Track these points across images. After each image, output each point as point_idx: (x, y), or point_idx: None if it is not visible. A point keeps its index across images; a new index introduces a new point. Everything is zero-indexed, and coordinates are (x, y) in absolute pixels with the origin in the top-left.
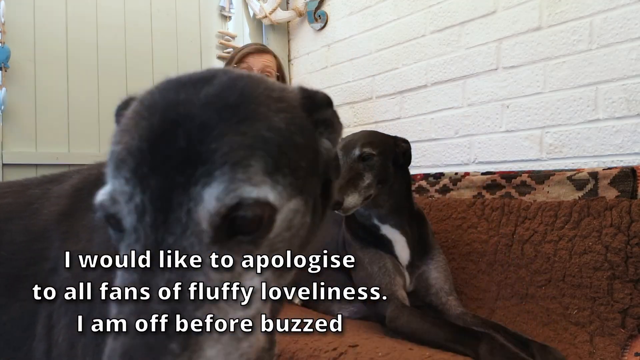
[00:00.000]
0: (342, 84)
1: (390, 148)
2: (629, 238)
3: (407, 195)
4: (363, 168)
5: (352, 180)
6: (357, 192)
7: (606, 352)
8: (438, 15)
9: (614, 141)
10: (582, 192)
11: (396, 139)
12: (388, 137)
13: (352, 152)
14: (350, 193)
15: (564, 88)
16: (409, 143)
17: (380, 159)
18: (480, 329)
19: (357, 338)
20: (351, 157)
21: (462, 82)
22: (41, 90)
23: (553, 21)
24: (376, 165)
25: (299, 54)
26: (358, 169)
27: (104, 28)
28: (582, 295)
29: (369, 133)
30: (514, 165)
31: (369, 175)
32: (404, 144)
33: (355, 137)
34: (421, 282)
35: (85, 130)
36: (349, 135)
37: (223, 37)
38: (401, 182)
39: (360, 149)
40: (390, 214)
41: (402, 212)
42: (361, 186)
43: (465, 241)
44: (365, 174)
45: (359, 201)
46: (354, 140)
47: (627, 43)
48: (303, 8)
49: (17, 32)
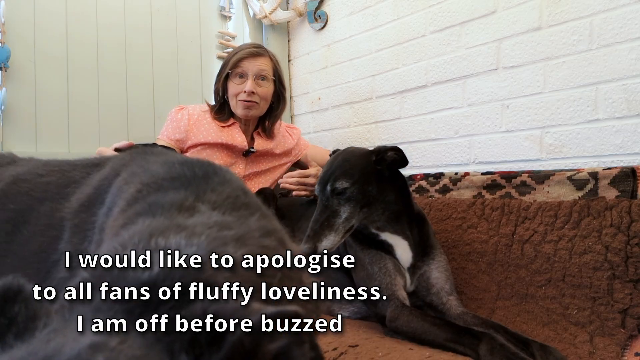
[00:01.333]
0: (342, 84)
1: (369, 168)
2: (629, 238)
3: (404, 201)
4: (338, 203)
5: (326, 221)
6: (333, 232)
7: (606, 352)
8: (438, 15)
9: (614, 141)
10: (582, 192)
11: (379, 151)
12: (367, 155)
13: (325, 189)
14: (325, 237)
15: (564, 88)
16: (399, 150)
17: (357, 187)
18: (480, 329)
19: (357, 338)
20: (325, 195)
21: (462, 82)
22: (41, 90)
23: (553, 21)
24: (354, 195)
25: (298, 54)
26: (332, 205)
27: (104, 28)
28: (582, 295)
29: (343, 160)
30: (514, 165)
31: (346, 208)
32: (391, 154)
33: (329, 169)
34: (422, 282)
35: (85, 130)
36: (325, 165)
37: (223, 37)
38: (395, 191)
39: (332, 184)
40: (388, 223)
41: (400, 219)
42: (338, 223)
43: (465, 241)
44: (341, 208)
45: (337, 239)
46: (327, 174)
47: (627, 43)
48: (303, 8)
49: (17, 32)
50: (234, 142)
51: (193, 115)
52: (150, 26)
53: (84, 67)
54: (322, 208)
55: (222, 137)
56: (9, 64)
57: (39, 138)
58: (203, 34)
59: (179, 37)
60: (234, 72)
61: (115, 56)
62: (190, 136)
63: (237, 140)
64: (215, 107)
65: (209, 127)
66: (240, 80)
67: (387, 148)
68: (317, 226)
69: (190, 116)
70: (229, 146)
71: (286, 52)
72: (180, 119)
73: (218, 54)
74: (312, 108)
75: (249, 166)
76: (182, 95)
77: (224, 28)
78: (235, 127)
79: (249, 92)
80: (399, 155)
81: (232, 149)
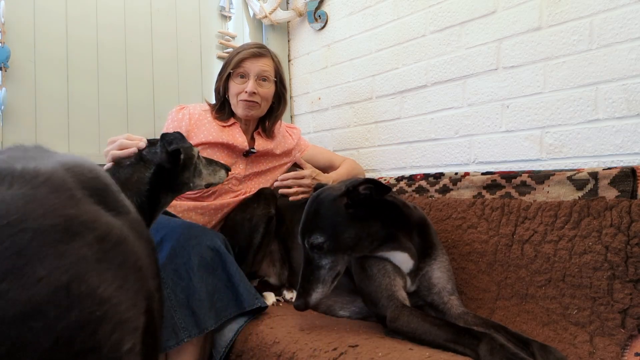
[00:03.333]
0: (342, 84)
1: (340, 216)
2: (629, 238)
3: (395, 222)
4: (319, 257)
5: (311, 275)
6: (320, 284)
7: (606, 352)
8: (438, 15)
9: (614, 141)
10: (582, 192)
11: (350, 191)
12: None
13: (304, 243)
14: (314, 291)
15: (564, 88)
16: (371, 182)
17: (332, 240)
18: (480, 329)
19: (357, 338)
20: (306, 248)
21: (462, 82)
22: (41, 90)
23: (553, 21)
24: (331, 247)
25: (298, 54)
26: (314, 259)
27: (104, 28)
28: (582, 295)
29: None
30: (514, 165)
31: (328, 260)
32: (362, 190)
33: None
34: (424, 282)
35: (85, 130)
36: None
37: (223, 37)
38: (380, 220)
39: (307, 239)
40: (382, 245)
41: (396, 236)
42: (323, 275)
43: (465, 241)
44: (322, 261)
45: (326, 290)
46: (304, 226)
47: (627, 43)
48: (303, 8)
49: (17, 32)
50: (235, 142)
51: (194, 115)
52: (150, 26)
53: (83, 67)
54: (305, 261)
55: (222, 137)
56: (9, 64)
57: (39, 138)
58: (203, 34)
59: (179, 37)
60: (235, 72)
61: (115, 56)
62: (191, 136)
63: (237, 140)
64: (215, 106)
65: (209, 126)
66: (241, 81)
67: (357, 183)
68: (304, 282)
69: (191, 116)
70: (229, 146)
71: (286, 52)
72: (181, 118)
73: (218, 54)
74: (312, 108)
75: (249, 166)
76: (182, 95)
77: (224, 28)
78: (235, 127)
79: (250, 92)
80: (372, 188)
81: (233, 149)
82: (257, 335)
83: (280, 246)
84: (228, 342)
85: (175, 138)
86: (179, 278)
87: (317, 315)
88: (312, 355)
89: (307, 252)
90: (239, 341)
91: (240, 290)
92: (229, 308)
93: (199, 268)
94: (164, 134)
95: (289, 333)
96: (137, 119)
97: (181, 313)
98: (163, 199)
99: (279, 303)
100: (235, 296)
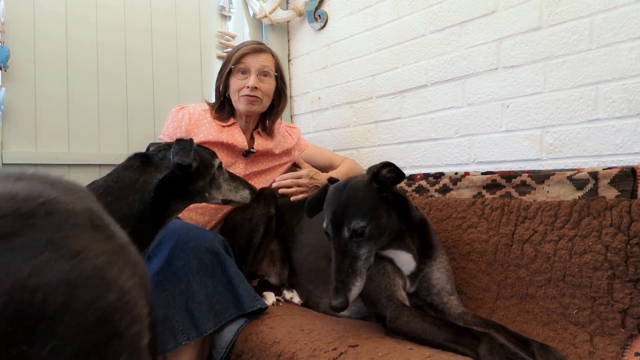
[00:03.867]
0: (342, 83)
1: (376, 198)
2: (629, 238)
3: (405, 217)
4: (357, 246)
5: (349, 267)
6: (358, 277)
7: (606, 352)
8: (438, 15)
9: (614, 141)
10: (582, 191)
11: (376, 174)
12: (368, 185)
13: (341, 233)
14: (353, 285)
15: (564, 88)
16: (391, 166)
17: (373, 224)
18: (480, 328)
19: (357, 338)
20: (342, 239)
21: (462, 82)
22: (41, 90)
23: (553, 21)
24: (371, 233)
25: (298, 54)
26: (352, 249)
27: (103, 28)
28: (582, 295)
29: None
30: (514, 165)
31: (365, 249)
32: (386, 173)
33: (337, 209)
34: (423, 282)
35: (85, 130)
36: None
37: (223, 36)
38: (397, 211)
39: (348, 227)
40: (392, 242)
41: (404, 235)
42: (359, 267)
43: (465, 241)
44: (360, 251)
45: (362, 283)
46: (337, 215)
47: (627, 43)
48: (303, 8)
49: (17, 32)
50: (234, 141)
51: (194, 115)
52: (150, 26)
53: (83, 67)
54: (341, 254)
55: (222, 137)
56: (8, 64)
57: (39, 138)
58: (203, 33)
59: (179, 37)
60: (236, 68)
61: (115, 56)
62: (190, 135)
63: (237, 140)
64: (215, 105)
65: (209, 126)
66: (242, 76)
67: (380, 166)
68: (341, 276)
69: (191, 115)
70: (229, 145)
71: (286, 52)
72: (181, 118)
73: (218, 54)
74: (312, 108)
75: (249, 166)
76: (182, 95)
77: (224, 28)
78: (235, 126)
79: (252, 87)
80: (394, 170)
81: (232, 149)
82: (257, 335)
83: (280, 246)
84: (228, 342)
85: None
86: (178, 281)
87: (317, 315)
88: (312, 355)
89: (343, 243)
90: (239, 341)
91: (239, 292)
92: (228, 310)
93: (198, 270)
94: (179, 140)
95: (289, 333)
96: (137, 119)
97: (180, 316)
98: (174, 206)
99: (279, 303)
100: (235, 298)
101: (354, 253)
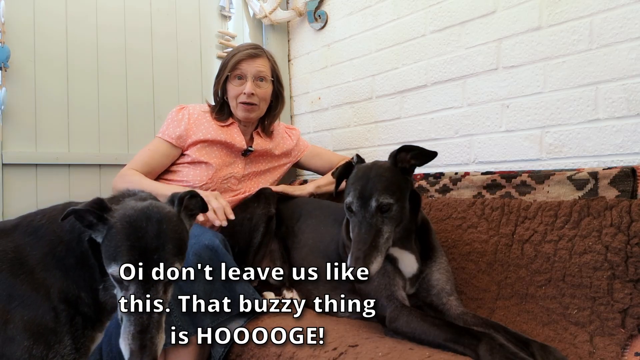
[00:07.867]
0: (342, 84)
1: (403, 183)
2: (629, 238)
3: (414, 216)
4: (382, 221)
5: (373, 241)
6: (379, 253)
7: (606, 352)
8: (438, 15)
9: (614, 141)
10: (582, 192)
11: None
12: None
13: (368, 205)
14: (375, 259)
15: (564, 88)
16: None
17: (399, 204)
18: (480, 329)
19: (357, 338)
20: (369, 212)
21: (462, 82)
22: (41, 90)
23: (553, 21)
24: (396, 213)
25: (298, 54)
26: (377, 223)
27: (103, 28)
28: (582, 295)
29: (377, 175)
30: (514, 165)
31: (388, 227)
32: (410, 158)
33: (366, 183)
34: (423, 283)
35: (85, 130)
36: (356, 180)
37: (223, 37)
38: (411, 205)
39: (377, 199)
40: (399, 239)
41: (410, 233)
42: (381, 244)
43: (465, 241)
44: (384, 227)
45: (382, 262)
46: (366, 188)
47: (627, 43)
48: (303, 8)
49: (17, 32)
50: (233, 141)
51: (193, 115)
52: (150, 26)
53: (83, 68)
54: (366, 226)
55: (220, 136)
56: (8, 64)
57: (39, 138)
58: (203, 34)
59: (179, 37)
60: (232, 74)
61: (115, 56)
62: (190, 134)
63: (235, 140)
64: (215, 108)
65: (208, 125)
66: (239, 82)
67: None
68: (365, 247)
69: (191, 115)
70: (227, 144)
71: (286, 52)
72: (181, 118)
73: (218, 54)
74: (312, 108)
75: (247, 166)
76: (182, 95)
77: (224, 28)
78: (234, 126)
79: (248, 93)
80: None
81: (231, 148)
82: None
83: (280, 246)
84: (228, 342)
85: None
86: None
87: (317, 315)
88: (312, 355)
89: (368, 215)
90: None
91: (238, 291)
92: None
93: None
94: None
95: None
96: (137, 120)
97: (178, 312)
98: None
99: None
100: (234, 296)
101: (378, 227)
